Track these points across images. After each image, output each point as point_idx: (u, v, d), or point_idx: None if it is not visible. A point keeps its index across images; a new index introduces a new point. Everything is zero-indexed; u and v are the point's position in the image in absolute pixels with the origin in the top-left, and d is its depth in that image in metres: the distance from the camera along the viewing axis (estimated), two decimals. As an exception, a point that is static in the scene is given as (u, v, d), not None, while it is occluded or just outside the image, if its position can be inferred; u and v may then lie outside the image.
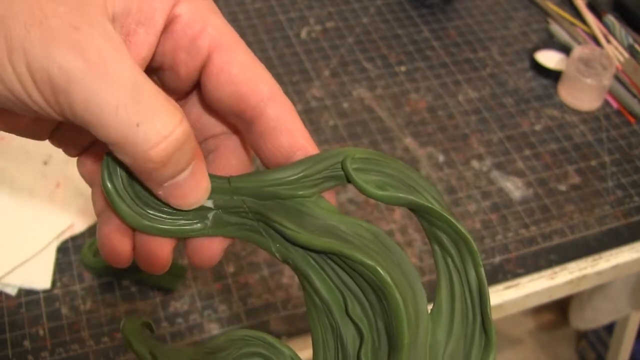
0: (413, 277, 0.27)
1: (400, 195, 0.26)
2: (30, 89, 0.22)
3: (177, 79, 0.27)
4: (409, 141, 0.69)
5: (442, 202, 0.27)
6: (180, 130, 0.23)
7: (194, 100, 0.30)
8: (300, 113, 0.70)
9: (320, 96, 0.72)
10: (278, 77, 0.73)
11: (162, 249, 0.27)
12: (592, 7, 0.85)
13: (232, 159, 0.30)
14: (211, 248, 0.28)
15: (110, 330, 0.53)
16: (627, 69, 0.76)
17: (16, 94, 0.22)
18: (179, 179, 0.25)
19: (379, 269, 0.25)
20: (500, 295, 0.58)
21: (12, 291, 0.54)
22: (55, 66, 0.21)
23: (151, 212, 0.26)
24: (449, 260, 0.27)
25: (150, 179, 0.24)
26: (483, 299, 0.26)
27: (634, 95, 0.74)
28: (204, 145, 0.30)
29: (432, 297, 0.28)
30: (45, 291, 0.55)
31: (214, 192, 0.27)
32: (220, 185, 0.27)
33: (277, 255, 0.27)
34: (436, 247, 0.27)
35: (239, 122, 0.28)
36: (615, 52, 0.79)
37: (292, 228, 0.26)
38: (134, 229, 0.27)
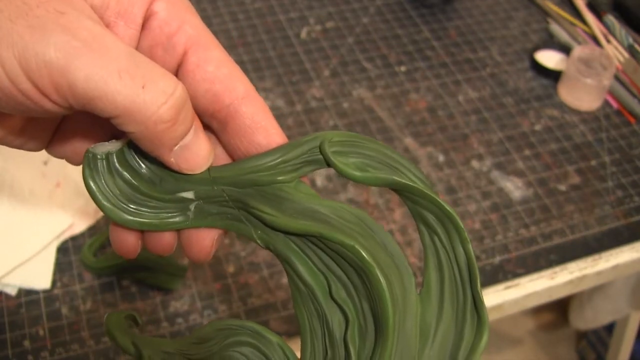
0: (399, 258, 0.27)
1: (382, 175, 0.26)
2: (22, 81, 0.22)
3: None
4: (409, 141, 0.69)
5: (425, 181, 0.27)
6: (180, 87, 0.24)
7: None
8: (300, 113, 0.71)
9: (320, 96, 0.72)
10: (278, 77, 0.73)
11: (164, 237, 0.29)
12: (592, 7, 0.85)
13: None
14: (204, 240, 0.29)
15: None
16: (627, 69, 0.76)
17: (3, 89, 0.22)
18: (187, 140, 0.25)
19: (358, 247, 0.24)
20: (500, 295, 0.58)
21: (12, 291, 0.54)
22: (51, 49, 0.22)
23: (133, 206, 0.27)
24: (436, 239, 0.27)
25: (161, 144, 0.25)
26: (473, 276, 0.26)
27: (634, 95, 0.74)
28: None
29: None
30: (45, 291, 0.55)
31: (194, 183, 0.27)
32: (200, 176, 0.27)
33: (258, 241, 0.27)
34: (422, 227, 0.27)
35: (214, 122, 0.28)
36: (615, 52, 0.79)
37: (271, 213, 0.26)
38: (118, 224, 0.27)
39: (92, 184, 0.26)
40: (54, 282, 0.55)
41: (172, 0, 0.27)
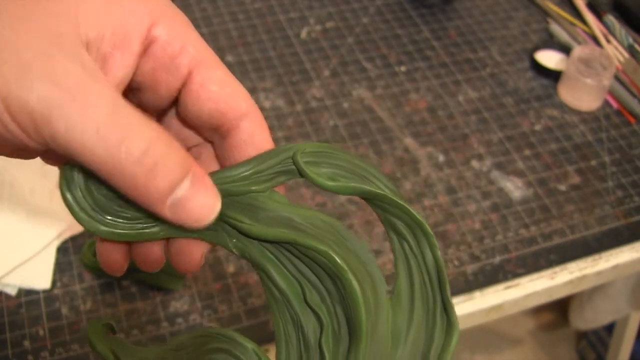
0: (371, 265, 0.27)
1: (352, 184, 0.27)
2: (7, 121, 0.22)
3: (157, 98, 0.28)
4: (409, 141, 0.69)
5: (394, 190, 0.28)
6: (160, 140, 0.23)
7: (171, 114, 0.30)
8: (300, 113, 0.71)
9: (320, 96, 0.72)
10: (278, 77, 0.73)
11: (153, 250, 0.29)
12: (592, 7, 0.85)
13: (214, 166, 0.30)
14: (194, 253, 0.29)
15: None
16: (627, 69, 0.76)
17: None
18: (180, 192, 0.24)
19: (331, 253, 0.25)
20: (500, 295, 0.58)
21: (12, 291, 0.54)
22: (33, 97, 0.22)
23: (109, 218, 0.27)
24: (406, 246, 0.28)
25: (149, 199, 0.24)
26: (442, 281, 0.27)
27: (634, 95, 0.74)
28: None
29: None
30: (45, 291, 0.55)
31: None
32: None
33: (234, 250, 0.27)
34: (392, 234, 0.28)
35: (214, 135, 0.29)
36: (615, 52, 0.79)
37: (246, 221, 0.26)
38: (95, 235, 0.27)
39: (68, 195, 0.26)
40: (54, 282, 0.55)
41: (172, 21, 0.26)
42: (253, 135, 0.28)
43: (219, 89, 0.27)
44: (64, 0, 0.24)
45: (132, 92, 0.28)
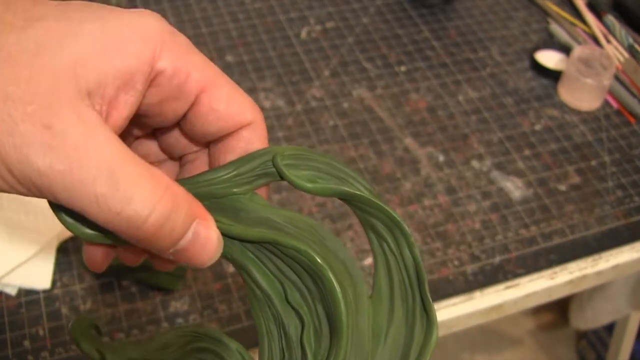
0: (350, 263, 0.28)
1: (331, 186, 0.27)
2: (13, 184, 0.23)
3: (163, 121, 0.28)
4: (409, 141, 0.69)
5: (372, 190, 0.28)
6: (163, 202, 0.24)
7: (172, 128, 0.31)
8: (300, 113, 0.71)
9: (320, 96, 0.72)
10: (278, 77, 0.73)
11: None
12: (592, 7, 0.85)
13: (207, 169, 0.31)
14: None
15: (110, 330, 0.53)
16: (627, 69, 0.76)
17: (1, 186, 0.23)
18: (182, 244, 0.25)
19: (311, 252, 0.25)
20: (500, 295, 0.58)
21: (12, 291, 0.54)
22: (34, 173, 0.22)
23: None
24: (385, 246, 0.28)
25: (153, 250, 0.25)
26: (420, 279, 0.27)
27: (634, 95, 0.74)
28: (183, 157, 0.32)
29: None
30: (45, 291, 0.55)
31: None
32: None
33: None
34: (371, 234, 0.28)
35: (214, 143, 0.29)
36: (615, 52, 0.79)
37: (227, 222, 0.27)
38: (80, 238, 0.27)
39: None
40: (54, 282, 0.55)
41: (174, 50, 0.26)
42: (252, 143, 0.29)
43: (226, 108, 0.28)
44: (60, 54, 0.23)
45: (138, 117, 0.27)
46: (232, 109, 0.28)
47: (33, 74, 0.22)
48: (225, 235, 0.27)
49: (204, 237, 0.25)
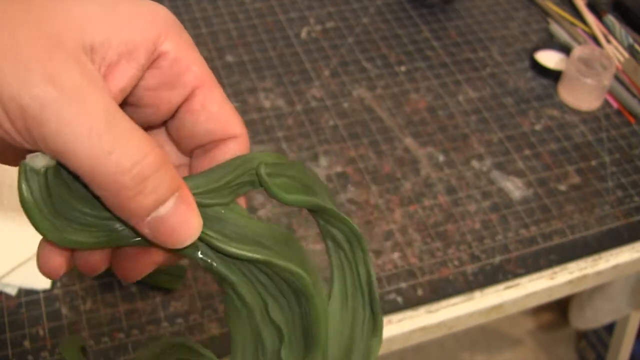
0: (316, 274, 0.29)
1: (305, 198, 0.28)
2: (2, 120, 0.22)
3: (154, 114, 0.28)
4: (409, 141, 0.69)
5: (333, 200, 0.30)
6: (153, 154, 0.23)
7: (158, 131, 0.30)
8: (300, 113, 0.71)
9: (320, 96, 0.72)
10: (278, 77, 0.73)
11: (97, 256, 0.27)
12: (592, 7, 0.85)
13: None
14: (141, 261, 0.28)
15: (110, 330, 0.53)
16: (627, 69, 0.76)
17: None
18: (162, 211, 0.24)
19: (305, 277, 0.27)
20: (500, 295, 0.58)
21: (12, 291, 0.54)
22: (28, 96, 0.21)
23: (66, 224, 0.25)
24: (342, 254, 0.30)
25: (128, 213, 0.23)
26: (371, 293, 0.29)
27: (634, 95, 0.74)
28: None
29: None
30: (45, 291, 0.55)
31: None
32: None
33: (200, 262, 0.27)
34: (330, 243, 0.30)
35: (197, 151, 0.29)
36: (615, 52, 0.79)
37: (219, 238, 0.26)
38: (55, 244, 0.25)
39: (31, 199, 0.24)
40: (54, 282, 0.55)
41: (179, 38, 0.26)
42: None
43: (218, 110, 0.28)
44: (68, 5, 0.23)
45: (128, 107, 0.27)
46: (223, 114, 0.28)
47: (36, 17, 0.22)
48: (215, 250, 0.27)
49: (185, 211, 0.24)
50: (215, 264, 0.27)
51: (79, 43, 0.23)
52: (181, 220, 0.24)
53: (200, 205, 0.27)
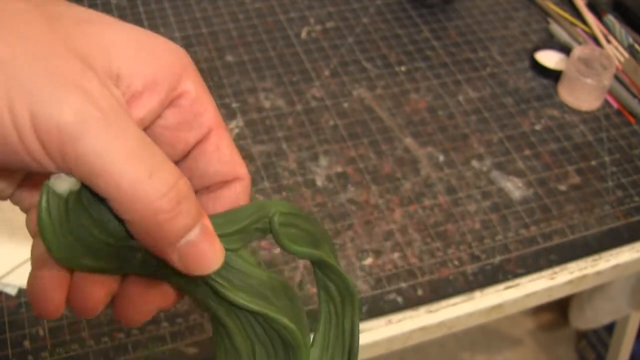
0: (307, 327, 0.30)
1: (312, 252, 0.29)
2: (30, 140, 0.21)
3: (170, 155, 0.27)
4: (409, 141, 0.69)
5: (335, 252, 0.31)
6: (183, 180, 0.23)
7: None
8: (300, 113, 0.71)
9: (320, 96, 0.72)
10: (278, 77, 0.73)
11: (98, 293, 0.26)
12: (592, 7, 0.85)
13: None
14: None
15: (110, 330, 0.53)
16: (627, 69, 0.76)
17: (9, 144, 0.21)
18: (192, 236, 0.24)
19: (298, 335, 0.28)
20: (500, 295, 0.58)
21: (12, 291, 0.54)
22: (67, 113, 0.21)
23: (81, 248, 0.25)
24: (332, 306, 0.31)
25: (161, 237, 0.23)
26: (352, 349, 0.31)
27: (634, 95, 0.74)
28: None
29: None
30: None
31: None
32: None
33: (199, 302, 0.28)
34: (322, 293, 0.31)
35: (202, 190, 0.29)
36: (615, 52, 0.79)
37: (226, 286, 0.27)
38: (68, 268, 0.25)
39: (49, 224, 0.23)
40: (54, 282, 0.55)
41: (198, 80, 0.27)
42: (241, 198, 0.29)
43: (228, 153, 0.28)
44: (95, 29, 0.23)
45: None
46: (234, 157, 0.28)
47: (67, 37, 0.22)
48: (223, 297, 0.27)
49: (211, 235, 0.25)
50: (217, 309, 0.27)
51: (106, 67, 0.23)
52: (209, 246, 0.25)
53: None
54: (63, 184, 0.23)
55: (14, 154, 0.21)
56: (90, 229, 0.25)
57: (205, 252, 0.24)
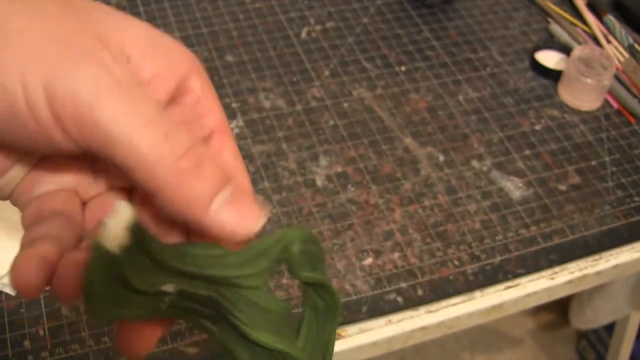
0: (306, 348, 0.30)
1: (316, 276, 0.29)
2: (40, 107, 0.21)
3: None
4: (409, 141, 0.69)
5: (324, 267, 0.31)
6: (201, 145, 0.23)
7: None
8: (300, 113, 0.71)
9: (320, 96, 0.72)
10: (278, 77, 0.73)
11: (150, 339, 0.26)
12: (592, 7, 0.85)
13: None
14: (145, 333, 0.26)
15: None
16: (627, 69, 0.76)
17: (17, 115, 0.21)
18: (225, 196, 0.23)
19: None
20: (500, 295, 0.58)
21: (12, 291, 0.54)
22: (82, 80, 0.21)
23: (120, 301, 0.24)
24: (314, 319, 0.31)
25: (191, 202, 0.22)
26: (325, 355, 0.31)
27: (634, 95, 0.74)
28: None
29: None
30: (45, 291, 0.55)
31: (175, 276, 0.25)
32: (182, 267, 0.26)
33: (217, 340, 0.27)
34: (309, 310, 0.31)
35: None
36: (615, 52, 0.79)
37: (249, 324, 0.26)
38: (103, 319, 0.25)
39: (94, 286, 0.23)
40: (54, 282, 0.55)
41: (205, 80, 0.26)
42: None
43: (231, 159, 0.27)
44: (107, 15, 0.23)
45: None
46: (236, 162, 0.28)
47: (82, 18, 0.22)
48: (246, 337, 0.27)
49: (247, 192, 0.24)
50: (231, 344, 0.27)
51: (119, 48, 0.23)
52: (245, 206, 0.24)
53: (236, 286, 0.26)
54: (114, 237, 0.22)
55: (19, 125, 0.21)
56: (132, 279, 0.24)
57: (243, 211, 0.23)
